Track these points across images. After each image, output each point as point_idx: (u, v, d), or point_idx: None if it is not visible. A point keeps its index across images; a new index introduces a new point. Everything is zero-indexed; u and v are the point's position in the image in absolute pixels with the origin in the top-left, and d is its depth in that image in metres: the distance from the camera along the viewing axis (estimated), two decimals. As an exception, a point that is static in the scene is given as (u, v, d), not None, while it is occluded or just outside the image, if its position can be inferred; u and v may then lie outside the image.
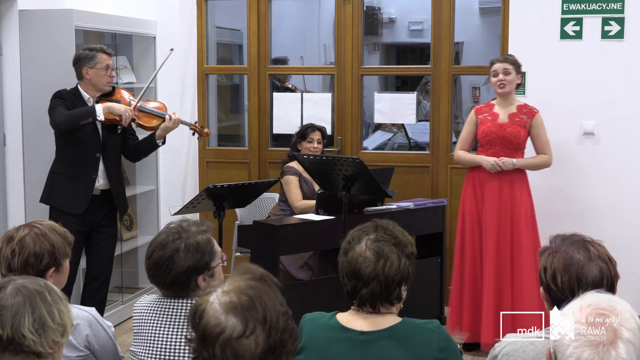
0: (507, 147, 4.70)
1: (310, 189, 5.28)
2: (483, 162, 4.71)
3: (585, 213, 5.25)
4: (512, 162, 4.66)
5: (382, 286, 2.22)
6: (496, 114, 4.76)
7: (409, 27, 8.44)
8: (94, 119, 4.42)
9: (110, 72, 4.58)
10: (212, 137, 6.49)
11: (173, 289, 2.45)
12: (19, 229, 2.57)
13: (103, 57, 4.55)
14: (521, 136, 4.70)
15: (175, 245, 2.44)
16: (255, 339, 1.58)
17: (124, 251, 5.62)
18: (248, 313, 1.59)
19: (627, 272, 2.76)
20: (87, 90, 4.57)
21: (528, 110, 4.76)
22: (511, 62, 4.74)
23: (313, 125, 5.40)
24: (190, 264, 2.42)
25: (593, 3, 5.16)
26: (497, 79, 4.72)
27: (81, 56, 4.55)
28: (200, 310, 1.63)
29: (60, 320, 1.80)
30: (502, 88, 4.71)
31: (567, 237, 2.23)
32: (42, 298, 1.80)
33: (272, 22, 6.17)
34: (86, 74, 4.53)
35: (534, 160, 4.78)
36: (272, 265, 4.53)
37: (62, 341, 1.82)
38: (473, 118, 4.85)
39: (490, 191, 4.70)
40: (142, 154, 4.89)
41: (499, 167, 4.65)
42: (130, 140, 4.77)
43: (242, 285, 1.64)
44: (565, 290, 2.11)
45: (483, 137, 4.75)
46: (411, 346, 2.23)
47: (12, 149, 4.95)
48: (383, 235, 2.27)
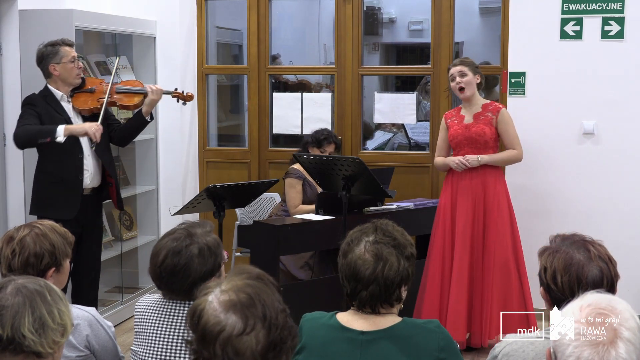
0: (475, 147, 4.69)
1: (314, 192, 5.25)
2: (449, 162, 4.72)
3: (585, 213, 5.25)
4: (476, 158, 4.65)
5: (381, 288, 2.22)
6: (462, 116, 4.78)
7: (409, 27, 8.44)
8: (52, 139, 4.17)
9: (77, 64, 4.43)
10: (212, 137, 6.49)
11: (190, 295, 2.39)
12: (19, 229, 2.57)
13: (66, 49, 4.38)
14: (486, 134, 4.68)
15: (189, 252, 2.41)
16: (256, 335, 1.58)
17: (124, 251, 5.62)
18: (248, 310, 1.60)
19: (627, 272, 2.75)
20: (58, 88, 4.41)
21: (493, 107, 4.75)
22: (466, 64, 4.73)
23: (331, 137, 5.34)
24: (207, 268, 2.41)
25: (593, 3, 5.17)
26: (454, 83, 4.72)
27: (44, 54, 4.38)
28: (199, 310, 1.63)
29: (60, 320, 1.80)
30: (462, 92, 4.71)
31: (567, 237, 2.23)
32: (42, 298, 1.79)
33: (272, 22, 6.17)
34: (54, 71, 4.37)
35: (500, 156, 4.74)
36: (272, 265, 4.53)
37: (62, 341, 1.82)
38: (444, 124, 4.86)
39: (463, 190, 4.70)
40: (132, 134, 4.73)
41: (464, 165, 4.65)
42: (114, 126, 4.62)
43: (240, 284, 1.65)
44: (565, 290, 2.11)
45: (452, 141, 4.76)
46: (411, 346, 2.23)
47: (12, 149, 4.94)
48: (382, 237, 2.27)
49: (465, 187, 4.69)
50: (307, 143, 5.37)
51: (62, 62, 4.37)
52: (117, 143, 4.75)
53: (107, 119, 4.56)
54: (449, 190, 4.76)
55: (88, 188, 4.48)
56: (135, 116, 4.64)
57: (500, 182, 4.74)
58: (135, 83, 4.73)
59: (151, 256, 2.48)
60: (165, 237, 2.49)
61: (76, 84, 4.48)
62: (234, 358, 1.58)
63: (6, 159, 4.97)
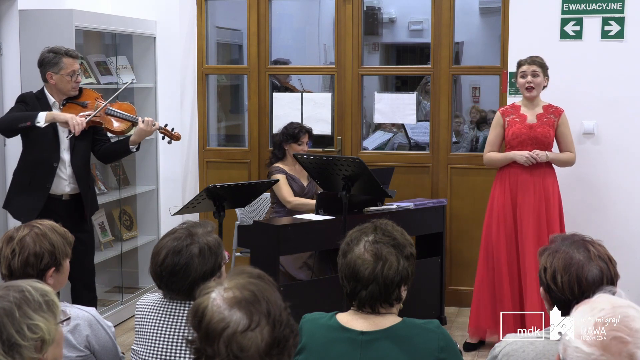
0: (538, 147, 4.73)
1: (299, 184, 5.33)
2: (517, 156, 4.71)
3: (585, 213, 5.25)
4: (545, 154, 4.69)
5: (381, 288, 2.21)
6: (524, 115, 4.78)
7: (409, 27, 8.44)
8: (32, 124, 4.11)
9: (76, 78, 4.35)
10: (212, 137, 6.49)
11: (190, 295, 2.39)
12: (19, 229, 2.57)
13: (68, 61, 4.31)
14: (551, 135, 4.75)
15: (189, 252, 2.41)
16: (261, 332, 1.59)
17: (124, 251, 5.62)
18: (252, 307, 1.60)
19: (627, 272, 2.75)
20: (53, 94, 4.38)
21: (554, 109, 4.80)
22: (539, 65, 4.74)
23: (303, 127, 5.42)
24: (207, 268, 2.41)
25: (593, 3, 5.17)
26: (525, 81, 4.73)
27: (45, 60, 4.33)
28: (202, 308, 1.63)
29: (33, 335, 1.76)
30: (530, 92, 4.73)
31: (566, 237, 2.23)
32: (9, 317, 1.75)
33: (272, 22, 6.17)
34: (50, 79, 4.32)
35: (563, 156, 4.82)
36: (272, 265, 4.54)
37: (45, 350, 1.79)
38: (500, 120, 4.85)
39: (524, 184, 4.71)
40: (114, 157, 4.70)
41: (534, 160, 4.67)
42: (101, 142, 4.56)
43: (243, 282, 1.66)
44: (565, 290, 2.11)
45: (514, 139, 4.76)
46: (411, 346, 2.23)
47: (12, 149, 4.94)
48: (382, 237, 2.26)
49: (526, 182, 4.71)
50: (282, 142, 5.40)
51: (60, 73, 4.31)
52: (100, 159, 4.68)
53: (96, 133, 4.51)
54: (505, 186, 4.75)
55: (67, 194, 4.42)
56: (121, 141, 4.57)
57: (557, 181, 4.80)
58: (129, 109, 4.60)
59: (152, 255, 2.49)
60: (166, 237, 2.49)
61: (72, 95, 4.43)
62: (238, 355, 1.57)
63: (6, 159, 4.97)
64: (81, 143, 4.43)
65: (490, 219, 4.80)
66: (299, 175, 5.37)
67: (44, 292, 1.85)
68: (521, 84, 4.76)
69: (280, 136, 5.45)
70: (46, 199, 4.34)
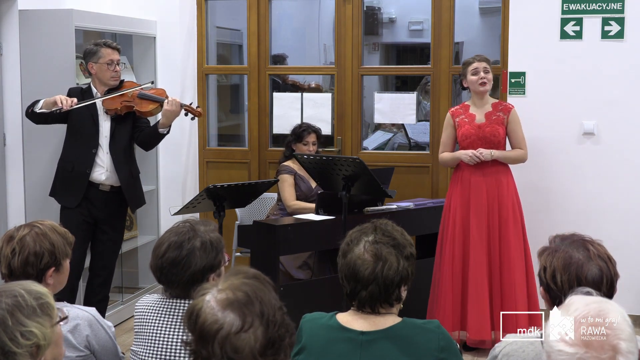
0: (487, 147, 4.70)
1: (307, 186, 5.30)
2: (462, 155, 4.72)
3: (585, 213, 5.25)
4: (489, 152, 4.67)
5: (381, 288, 2.21)
6: (473, 114, 4.78)
7: (409, 27, 8.43)
8: (33, 108, 4.40)
9: (114, 67, 4.56)
10: (212, 137, 6.50)
11: (188, 288, 2.40)
12: (19, 229, 2.57)
13: (107, 51, 4.54)
14: (500, 134, 4.72)
15: (191, 245, 2.42)
16: (254, 333, 1.59)
17: (124, 251, 5.61)
18: (245, 308, 1.60)
19: (627, 272, 2.76)
20: (96, 86, 4.60)
21: (503, 107, 4.78)
22: (489, 62, 4.77)
23: (309, 127, 5.40)
24: (207, 262, 2.42)
25: (593, 3, 5.17)
26: (478, 77, 4.73)
27: (86, 51, 4.59)
28: (196, 310, 1.63)
29: (27, 342, 1.76)
30: (484, 86, 4.73)
31: (566, 236, 2.23)
32: (2, 326, 1.75)
33: (272, 22, 6.17)
34: (91, 69, 4.57)
35: (511, 153, 4.78)
36: (272, 265, 4.54)
37: (42, 355, 1.79)
38: (450, 121, 4.85)
39: (475, 186, 4.70)
40: (149, 143, 4.82)
41: (477, 159, 4.66)
42: (140, 129, 4.70)
43: (237, 283, 1.66)
44: (565, 289, 2.10)
45: (463, 140, 4.76)
46: (411, 346, 2.23)
47: (12, 149, 4.95)
48: (381, 237, 2.26)
49: (479, 183, 4.69)
50: (289, 142, 5.41)
51: (99, 62, 4.53)
52: (140, 146, 4.83)
53: (136, 121, 4.66)
54: (459, 187, 4.75)
55: (106, 184, 4.57)
56: (153, 125, 4.72)
57: (512, 180, 4.77)
58: (160, 92, 4.77)
59: (153, 249, 2.50)
60: (168, 232, 2.51)
61: (112, 85, 4.61)
62: (232, 356, 1.58)
63: (6, 159, 4.97)
64: (120, 130, 4.60)
65: (447, 220, 4.79)
66: (309, 177, 5.34)
67: (39, 295, 1.84)
68: (474, 81, 4.74)
69: (289, 136, 5.46)
70: (87, 185, 4.51)
